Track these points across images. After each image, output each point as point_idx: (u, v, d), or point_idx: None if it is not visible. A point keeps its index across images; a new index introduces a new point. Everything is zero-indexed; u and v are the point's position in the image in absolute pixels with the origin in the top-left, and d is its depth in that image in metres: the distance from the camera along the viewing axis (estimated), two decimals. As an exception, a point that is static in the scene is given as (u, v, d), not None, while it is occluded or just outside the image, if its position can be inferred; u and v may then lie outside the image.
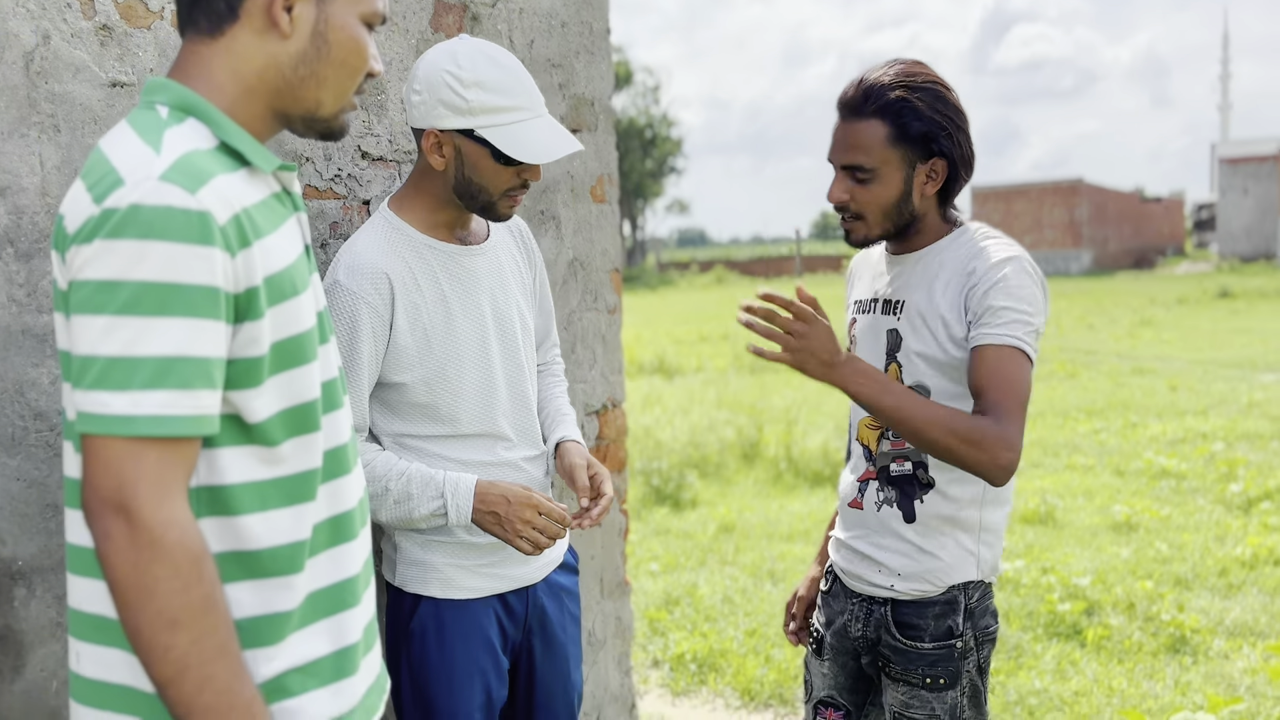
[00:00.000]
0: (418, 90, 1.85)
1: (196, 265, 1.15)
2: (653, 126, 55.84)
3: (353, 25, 1.34)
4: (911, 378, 1.99)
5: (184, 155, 1.19)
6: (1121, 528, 6.05)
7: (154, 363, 1.13)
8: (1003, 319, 1.85)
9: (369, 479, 1.86)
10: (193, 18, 1.29)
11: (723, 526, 6.36)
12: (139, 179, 1.15)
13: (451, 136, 1.85)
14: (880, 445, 2.05)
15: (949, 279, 1.95)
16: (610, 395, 2.92)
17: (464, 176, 1.88)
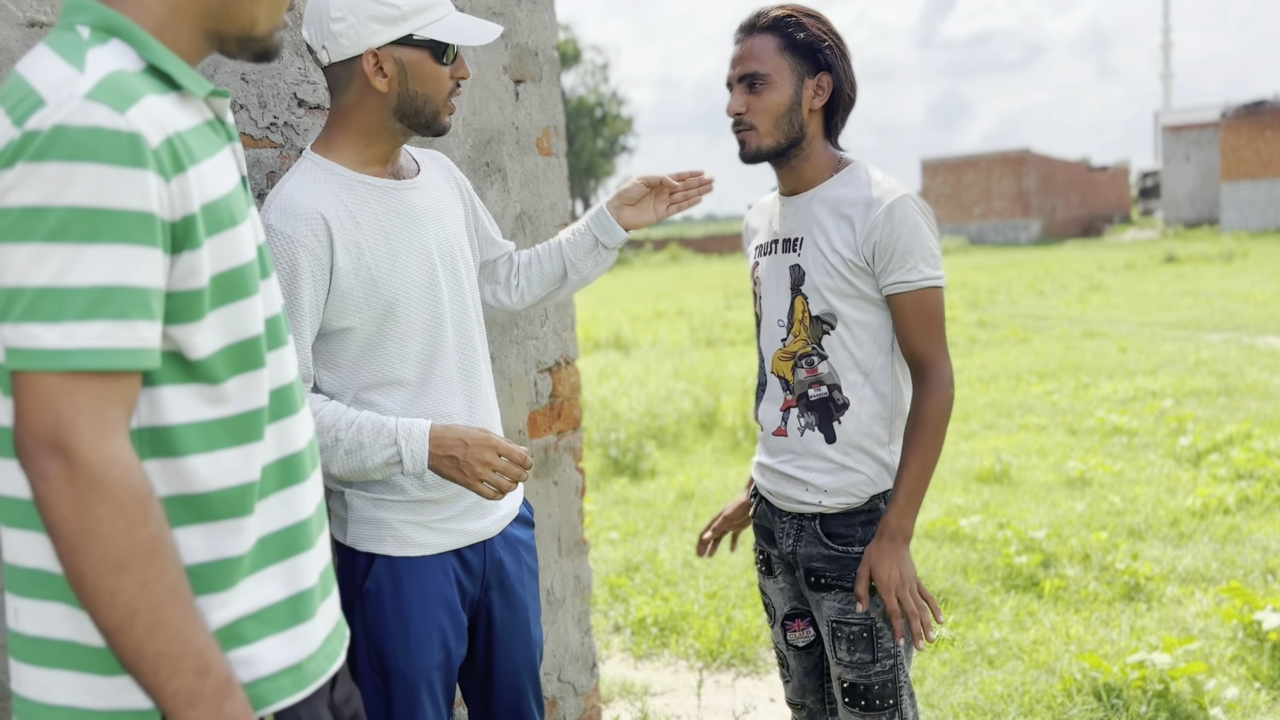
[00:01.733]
0: (339, 18, 1.77)
1: (128, 189, 1.08)
2: (603, 105, 55.59)
3: None
4: (818, 307, 2.13)
5: (110, 74, 1.13)
6: (1075, 483, 6.11)
7: (87, 292, 1.07)
8: (909, 262, 2.05)
9: (318, 430, 1.80)
10: None
11: (681, 494, 6.35)
12: (62, 98, 1.08)
13: (390, 51, 1.80)
14: (796, 375, 2.19)
15: (842, 216, 2.10)
16: (563, 352, 2.88)
17: (408, 91, 1.83)
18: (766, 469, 2.27)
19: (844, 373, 2.13)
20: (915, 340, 2.09)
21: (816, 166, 2.16)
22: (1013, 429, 7.81)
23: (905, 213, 2.05)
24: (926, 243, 2.06)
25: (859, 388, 2.13)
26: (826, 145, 2.18)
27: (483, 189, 2.60)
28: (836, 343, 2.13)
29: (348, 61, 1.81)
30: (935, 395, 2.07)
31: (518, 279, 2.23)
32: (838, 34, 2.14)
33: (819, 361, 2.15)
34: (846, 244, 2.08)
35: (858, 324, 2.11)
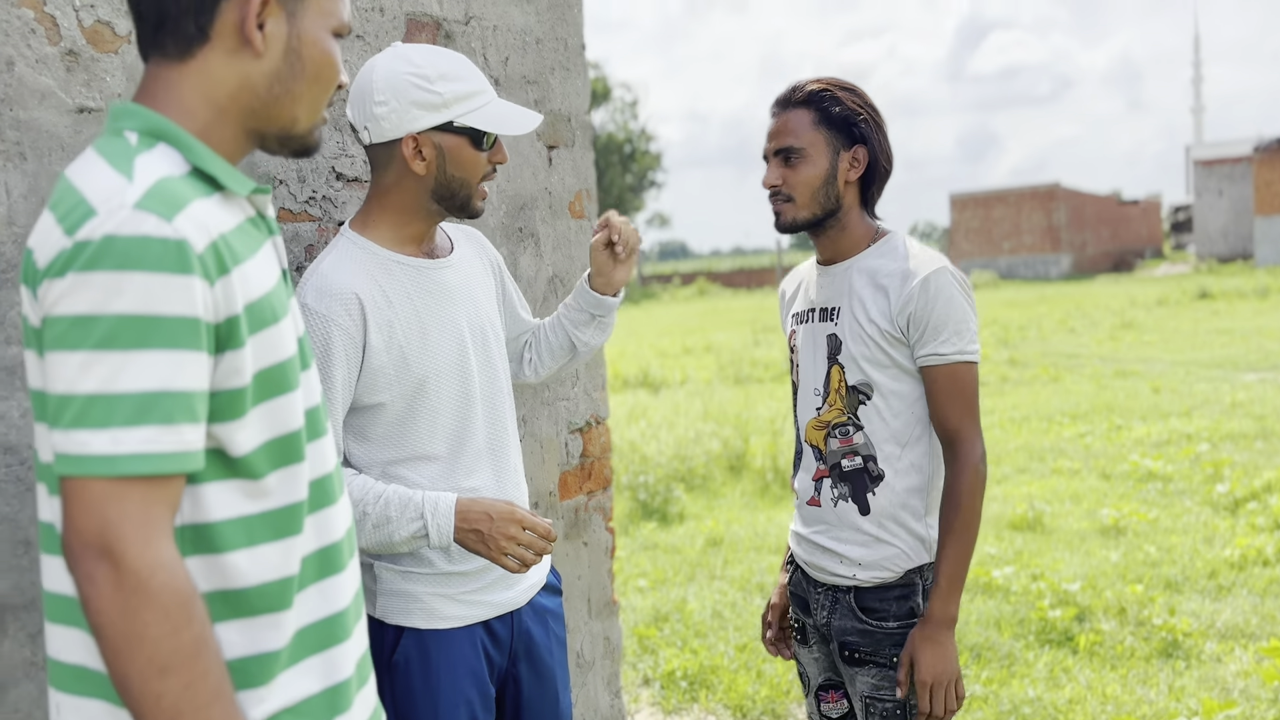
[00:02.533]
0: (382, 101, 1.81)
1: (175, 295, 1.11)
2: (631, 141, 55.92)
3: (324, 39, 1.31)
4: (854, 377, 2.14)
5: (158, 182, 1.16)
6: (1110, 532, 6.04)
7: (135, 398, 1.09)
8: (942, 335, 2.06)
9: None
10: (158, 41, 1.25)
11: (710, 540, 6.33)
12: (112, 208, 1.11)
13: (430, 136, 1.83)
14: (829, 444, 2.19)
15: (879, 286, 2.11)
16: (594, 412, 2.89)
17: (446, 174, 1.86)
18: (802, 538, 2.26)
19: (880, 444, 2.13)
20: (946, 415, 2.08)
21: (853, 237, 2.18)
22: (1045, 473, 7.74)
23: (941, 285, 2.05)
24: (961, 316, 2.06)
25: (895, 459, 2.13)
26: (863, 215, 2.19)
27: (515, 254, 2.62)
28: (873, 413, 2.13)
29: (388, 143, 1.84)
30: (965, 474, 2.06)
31: (531, 354, 2.27)
32: (873, 106, 2.16)
33: (854, 432, 2.14)
34: (882, 314, 2.09)
35: (894, 395, 2.11)
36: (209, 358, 1.16)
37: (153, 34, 1.25)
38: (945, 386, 2.07)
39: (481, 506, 1.85)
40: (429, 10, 2.39)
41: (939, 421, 2.10)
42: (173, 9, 1.23)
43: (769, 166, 2.17)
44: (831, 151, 2.11)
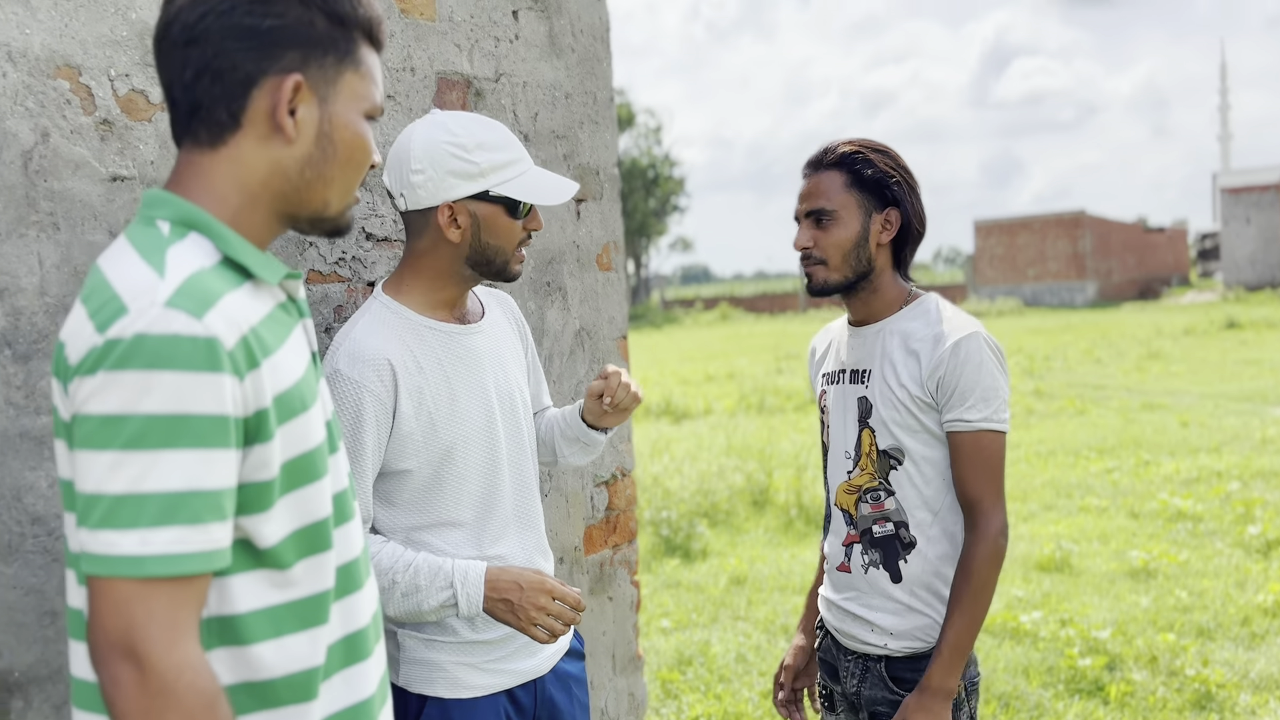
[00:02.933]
0: (418, 170, 1.81)
1: (205, 394, 1.10)
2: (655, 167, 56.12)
3: (356, 122, 1.31)
4: (885, 441, 2.10)
5: (189, 277, 1.15)
6: (1139, 574, 5.96)
7: (162, 499, 1.08)
8: (968, 401, 2.02)
9: (375, 572, 1.81)
10: (191, 129, 1.25)
11: (734, 578, 6.28)
12: (143, 306, 1.11)
13: (465, 204, 1.83)
14: (860, 509, 2.15)
15: (910, 350, 2.08)
16: (619, 464, 2.88)
17: (480, 242, 1.86)
18: (832, 604, 2.23)
19: (911, 510, 2.09)
20: (968, 484, 2.04)
21: (885, 299, 2.15)
22: (1072, 510, 7.65)
23: (972, 350, 2.02)
24: (991, 384, 2.03)
25: (927, 527, 2.09)
26: (896, 277, 2.17)
27: (543, 308, 2.62)
28: (904, 479, 2.09)
29: (425, 211, 1.84)
30: (982, 546, 2.01)
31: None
32: (906, 168, 2.14)
33: (885, 497, 2.11)
34: (913, 378, 2.06)
35: (926, 460, 2.08)
36: (237, 453, 1.15)
37: (186, 121, 1.25)
38: (969, 454, 2.03)
39: (511, 576, 1.84)
40: (459, 69, 2.39)
41: (960, 489, 2.06)
42: (205, 97, 1.23)
43: (800, 228, 2.15)
44: (864, 214, 2.09)
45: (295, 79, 1.23)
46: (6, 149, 1.64)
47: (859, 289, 2.14)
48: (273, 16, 1.22)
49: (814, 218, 2.11)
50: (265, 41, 1.22)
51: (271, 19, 1.22)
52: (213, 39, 1.20)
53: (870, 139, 2.16)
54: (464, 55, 2.41)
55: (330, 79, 1.27)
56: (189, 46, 1.21)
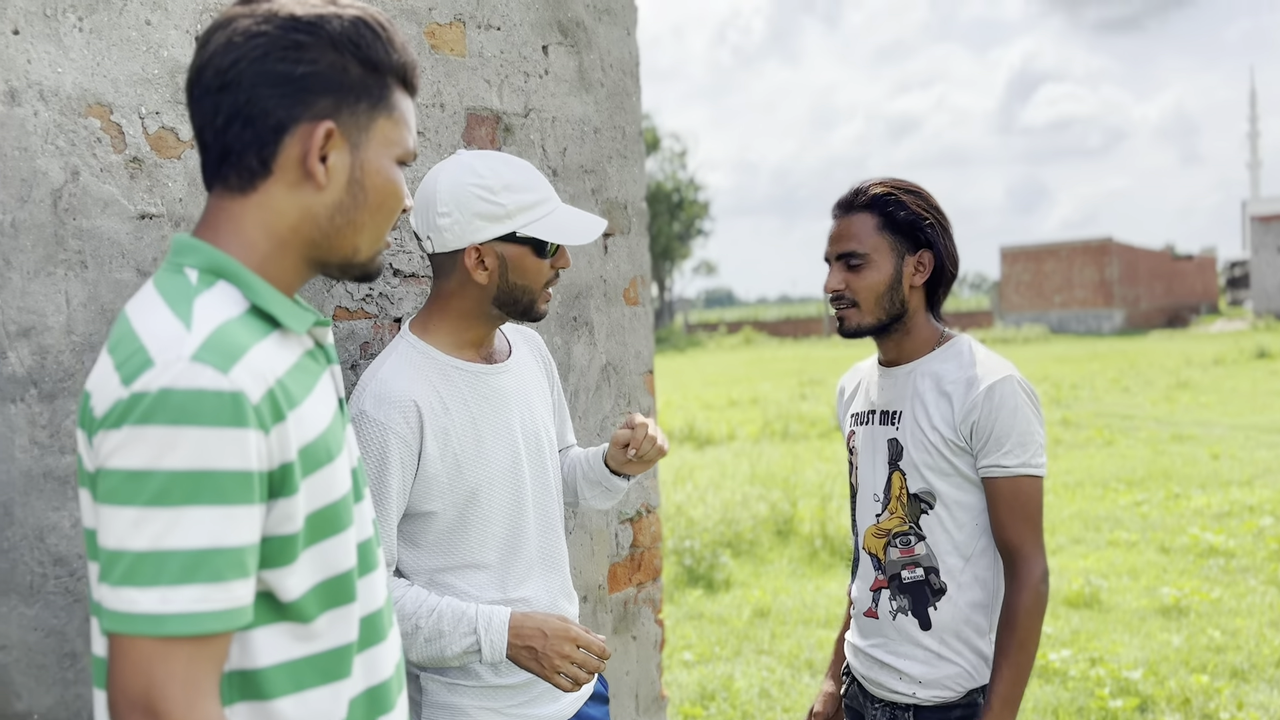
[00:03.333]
0: (445, 213, 1.80)
1: (230, 450, 1.08)
2: (680, 191, 56.27)
3: (388, 168, 1.29)
4: (916, 484, 2.06)
5: (216, 330, 1.14)
6: (1171, 611, 5.86)
7: (185, 556, 1.06)
8: (1004, 446, 1.98)
9: (399, 617, 1.79)
10: (222, 174, 1.24)
11: (757, 610, 6.22)
12: (169, 359, 1.09)
13: (493, 246, 1.81)
14: (888, 554, 2.11)
15: (943, 392, 2.04)
16: (644, 501, 2.85)
17: (508, 282, 1.84)
18: (859, 651, 2.19)
19: (942, 556, 2.05)
20: (1007, 530, 2.00)
21: (918, 340, 2.12)
22: (1100, 544, 7.54)
23: (1006, 394, 1.99)
24: (1026, 428, 1.99)
25: (958, 573, 2.05)
26: (928, 319, 2.14)
27: (569, 343, 2.60)
28: (935, 523, 2.05)
29: (452, 253, 1.83)
30: (1025, 594, 1.97)
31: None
32: (939, 209, 2.12)
33: (916, 542, 2.07)
34: (946, 421, 2.03)
35: (958, 505, 2.04)
36: (261, 508, 1.13)
37: (216, 165, 1.24)
38: (1007, 500, 1.99)
39: (535, 623, 1.81)
40: (489, 104, 2.39)
41: (999, 536, 2.01)
42: (236, 143, 1.21)
43: (831, 270, 2.12)
44: (896, 256, 2.07)
45: (327, 126, 1.22)
46: (36, 187, 1.63)
47: (891, 331, 2.11)
48: (306, 63, 1.20)
49: (845, 260, 2.09)
50: (298, 88, 1.20)
51: (305, 66, 1.20)
52: (245, 85, 1.19)
53: (902, 179, 2.13)
54: (494, 91, 2.40)
55: (363, 125, 1.25)
56: (221, 92, 1.20)
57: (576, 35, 2.62)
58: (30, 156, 1.63)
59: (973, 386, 2.01)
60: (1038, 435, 2.01)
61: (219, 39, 1.21)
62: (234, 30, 1.20)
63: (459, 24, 2.32)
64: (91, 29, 1.70)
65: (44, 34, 1.64)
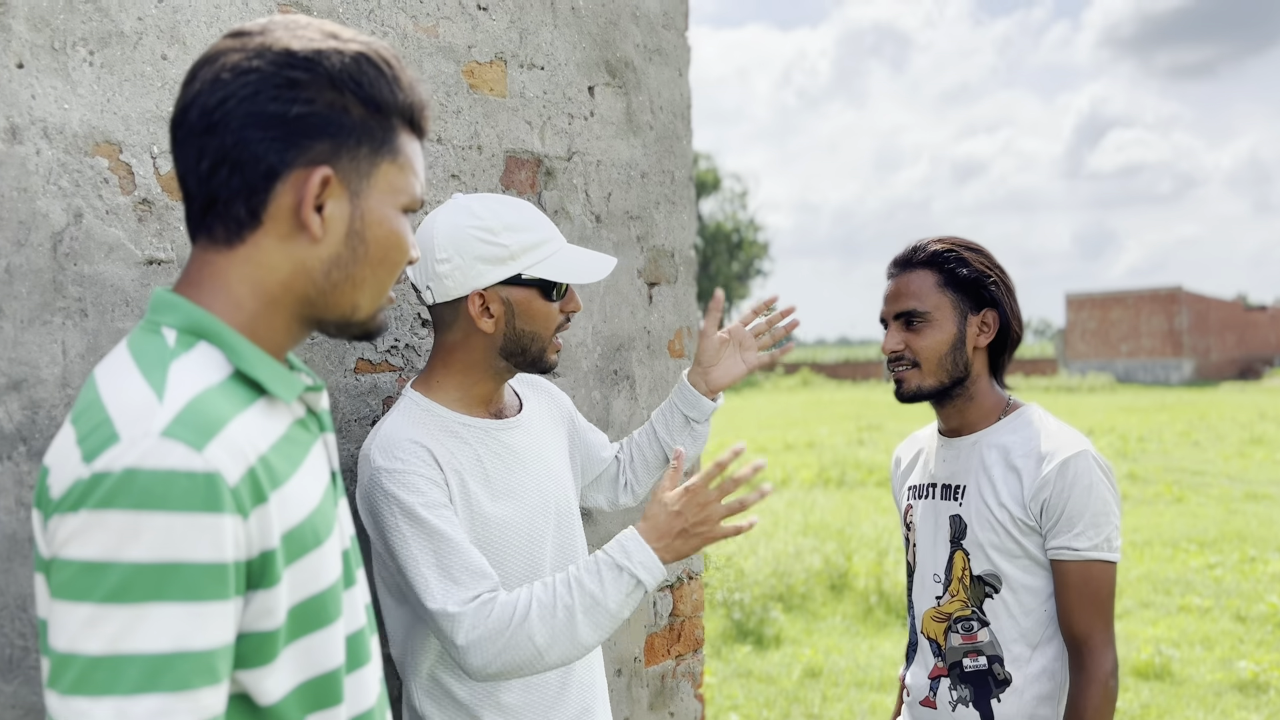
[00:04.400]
0: (444, 259, 1.67)
1: (201, 539, 0.95)
2: (739, 231, 56.23)
3: (391, 218, 1.15)
4: (980, 566, 1.92)
5: (192, 400, 1.00)
6: (1248, 687, 5.52)
7: (145, 661, 0.92)
8: (1076, 527, 1.84)
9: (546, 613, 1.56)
10: (206, 224, 1.11)
11: (808, 670, 5.98)
12: (136, 435, 0.95)
13: (496, 291, 1.69)
14: (949, 639, 1.95)
15: (1011, 466, 1.91)
16: (685, 567, 2.68)
17: (515, 330, 1.71)
18: None
19: (1008, 644, 1.89)
20: (1075, 618, 1.85)
21: (982, 408, 2.00)
22: (1171, 610, 7.19)
23: (1081, 471, 1.84)
24: (1102, 508, 1.84)
25: (1024, 663, 1.89)
26: (992, 384, 2.01)
27: (609, 397, 2.45)
28: (1001, 608, 1.90)
29: (454, 302, 1.70)
30: (1092, 689, 1.81)
31: (627, 476, 2.09)
32: (1001, 268, 1.99)
33: (979, 628, 1.91)
34: (1014, 498, 1.88)
35: (1026, 589, 1.89)
36: (237, 602, 0.99)
37: (200, 216, 1.11)
38: (1076, 586, 1.85)
39: (657, 513, 1.62)
40: (530, 147, 2.27)
41: (1066, 623, 1.87)
42: (222, 191, 1.08)
43: (889, 331, 1.99)
44: (959, 315, 1.95)
45: (324, 173, 1.08)
46: (35, 230, 1.53)
47: (953, 396, 1.98)
48: (301, 103, 1.07)
49: (904, 319, 1.97)
50: (292, 130, 1.07)
51: (300, 106, 1.07)
52: (233, 127, 1.06)
53: (962, 237, 2.00)
54: (535, 133, 2.28)
55: (364, 172, 1.12)
56: (207, 134, 1.07)
57: (625, 76, 2.50)
58: (30, 197, 1.52)
59: (1044, 461, 1.86)
60: (1113, 516, 1.85)
61: (206, 75, 1.08)
62: (222, 66, 1.07)
63: (500, 63, 2.21)
64: (103, 63, 1.60)
65: (51, 68, 1.55)
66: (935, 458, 2.05)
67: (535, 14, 2.28)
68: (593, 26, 2.42)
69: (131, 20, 1.63)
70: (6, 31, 1.50)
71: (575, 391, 2.36)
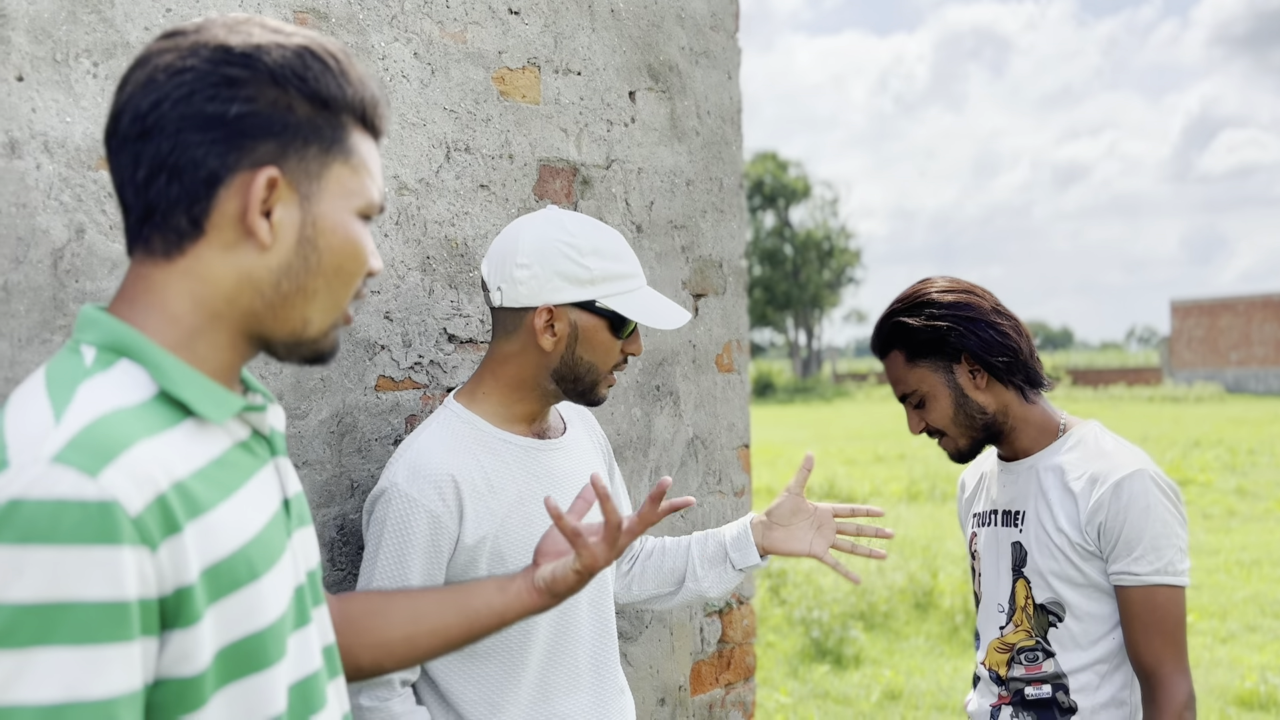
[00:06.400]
0: (524, 265, 1.61)
1: (94, 574, 0.86)
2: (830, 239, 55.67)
3: (347, 224, 1.06)
4: (1043, 594, 1.85)
5: (93, 422, 0.91)
6: (1363, 721, 5.17)
7: (31, 713, 0.84)
8: (1135, 551, 1.76)
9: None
10: (143, 236, 1.03)
11: (888, 692, 5.79)
12: (24, 462, 0.87)
13: (566, 311, 1.62)
14: (1011, 669, 1.87)
15: (1067, 488, 1.84)
16: (736, 591, 2.56)
17: (574, 355, 1.64)
18: None
19: (1073, 674, 1.81)
20: (1141, 648, 1.77)
21: (1032, 432, 1.93)
22: (1279, 634, 6.81)
23: (1137, 491, 1.77)
24: (1162, 529, 1.76)
25: (1091, 691, 1.81)
26: (1032, 406, 1.92)
27: (650, 414, 2.36)
28: (1066, 637, 1.82)
29: (520, 310, 1.64)
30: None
31: (632, 565, 1.96)
32: (954, 304, 1.87)
33: (1043, 659, 1.83)
34: (1071, 522, 1.81)
35: (1091, 617, 1.81)
36: (144, 644, 0.90)
37: (137, 227, 1.03)
38: (1141, 614, 1.76)
39: None
40: (565, 155, 2.18)
41: (1134, 654, 1.79)
42: (160, 200, 1.00)
43: (907, 413, 1.98)
44: (945, 376, 1.89)
45: (270, 173, 1.00)
46: (35, 247, 1.50)
47: (995, 435, 1.92)
48: (241, 101, 1.00)
49: (909, 402, 1.95)
50: (232, 131, 1.00)
51: (240, 104, 1.00)
52: (169, 131, 0.99)
53: (912, 290, 1.93)
54: (571, 140, 2.20)
55: (314, 173, 1.04)
56: (141, 140, 1.00)
57: (669, 80, 2.41)
58: (29, 213, 1.49)
59: (1098, 482, 1.79)
60: (1176, 538, 1.78)
61: (138, 78, 1.01)
62: (155, 67, 1.00)
63: (533, 69, 2.13)
64: (108, 75, 1.57)
65: (53, 81, 1.51)
66: (996, 483, 1.99)
67: (571, 17, 2.21)
68: (634, 29, 2.33)
69: (138, 31, 1.59)
70: (6, 44, 1.47)
71: (614, 408, 2.27)
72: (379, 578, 1.59)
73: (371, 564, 1.60)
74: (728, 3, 2.57)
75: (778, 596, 7.51)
